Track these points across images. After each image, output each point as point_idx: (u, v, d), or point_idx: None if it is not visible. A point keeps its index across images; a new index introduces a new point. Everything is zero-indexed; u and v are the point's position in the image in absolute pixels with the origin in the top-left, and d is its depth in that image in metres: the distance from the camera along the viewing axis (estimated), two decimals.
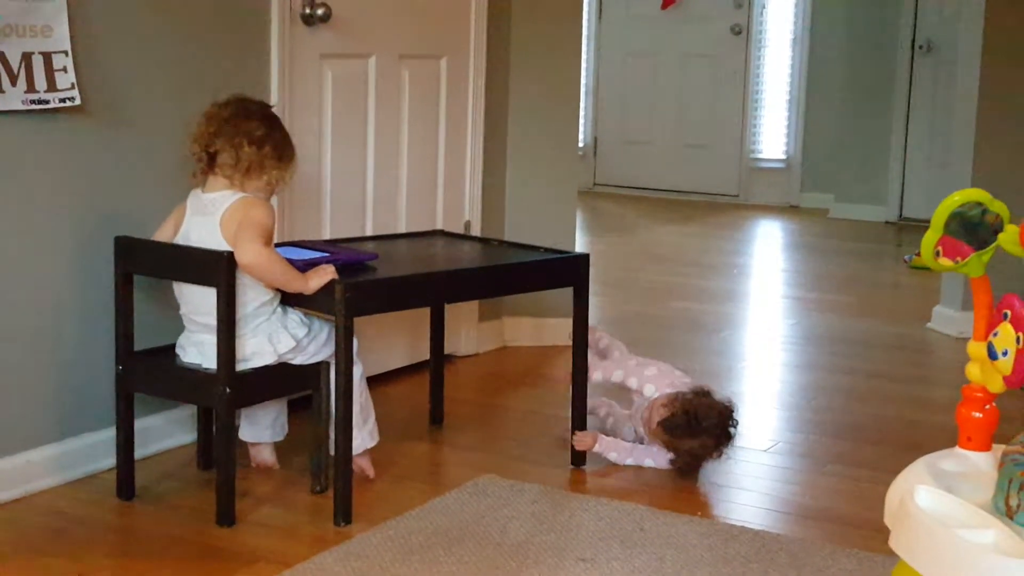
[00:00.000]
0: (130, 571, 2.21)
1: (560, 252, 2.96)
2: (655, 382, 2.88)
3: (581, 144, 7.78)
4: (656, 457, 2.82)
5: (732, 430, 2.79)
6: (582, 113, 7.76)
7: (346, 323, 2.38)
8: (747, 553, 2.35)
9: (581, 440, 2.81)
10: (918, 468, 1.62)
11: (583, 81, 6.58)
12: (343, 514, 2.43)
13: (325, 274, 2.43)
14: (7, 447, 2.49)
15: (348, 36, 3.21)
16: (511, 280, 2.83)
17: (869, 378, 3.76)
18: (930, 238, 1.63)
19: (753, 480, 2.82)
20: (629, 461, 2.84)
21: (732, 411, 2.80)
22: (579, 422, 2.82)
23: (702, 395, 2.81)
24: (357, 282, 2.44)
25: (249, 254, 2.38)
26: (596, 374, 2.90)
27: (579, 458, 2.83)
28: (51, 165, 2.52)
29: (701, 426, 2.73)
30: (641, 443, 2.87)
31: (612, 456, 2.84)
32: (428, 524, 2.44)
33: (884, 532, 1.61)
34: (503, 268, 2.81)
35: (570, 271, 2.81)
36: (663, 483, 2.75)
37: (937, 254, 1.63)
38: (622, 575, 2.24)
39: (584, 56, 7.03)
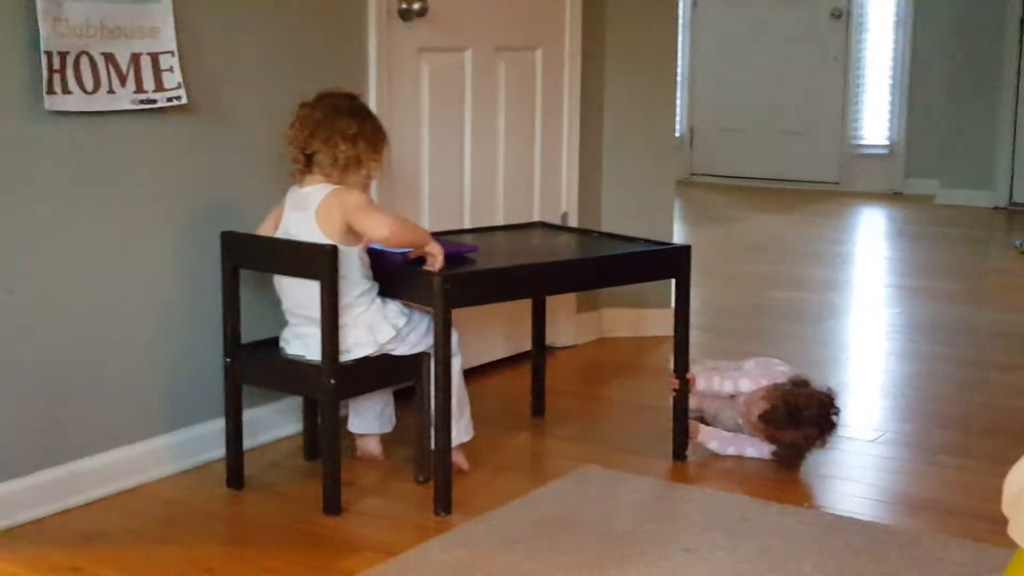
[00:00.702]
0: (239, 558, 2.26)
1: (662, 243, 2.93)
2: (750, 377, 2.84)
3: (677, 133, 7.72)
4: (758, 446, 2.78)
5: (834, 419, 2.74)
6: (678, 102, 7.71)
7: (444, 315, 2.39)
8: (856, 545, 2.30)
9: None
10: None
11: (679, 69, 6.50)
12: (443, 504, 2.45)
13: (438, 248, 2.46)
14: (123, 438, 2.57)
15: (444, 30, 3.23)
16: (613, 272, 2.81)
17: (978, 367, 3.64)
18: None
19: (859, 471, 2.77)
20: (731, 450, 2.80)
21: (833, 399, 2.75)
22: (680, 419, 2.79)
23: (800, 385, 2.76)
24: (455, 274, 2.46)
25: (381, 225, 2.43)
26: (700, 382, 2.87)
27: (681, 451, 2.79)
28: (159, 163, 2.59)
29: (803, 416, 2.69)
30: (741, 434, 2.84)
31: (713, 445, 2.81)
32: (531, 514, 2.44)
33: (1000, 523, 1.55)
34: (605, 260, 2.79)
35: (672, 263, 2.78)
36: (766, 473, 2.71)
37: None
38: (727, 565, 2.21)
39: (679, 44, 6.96)
